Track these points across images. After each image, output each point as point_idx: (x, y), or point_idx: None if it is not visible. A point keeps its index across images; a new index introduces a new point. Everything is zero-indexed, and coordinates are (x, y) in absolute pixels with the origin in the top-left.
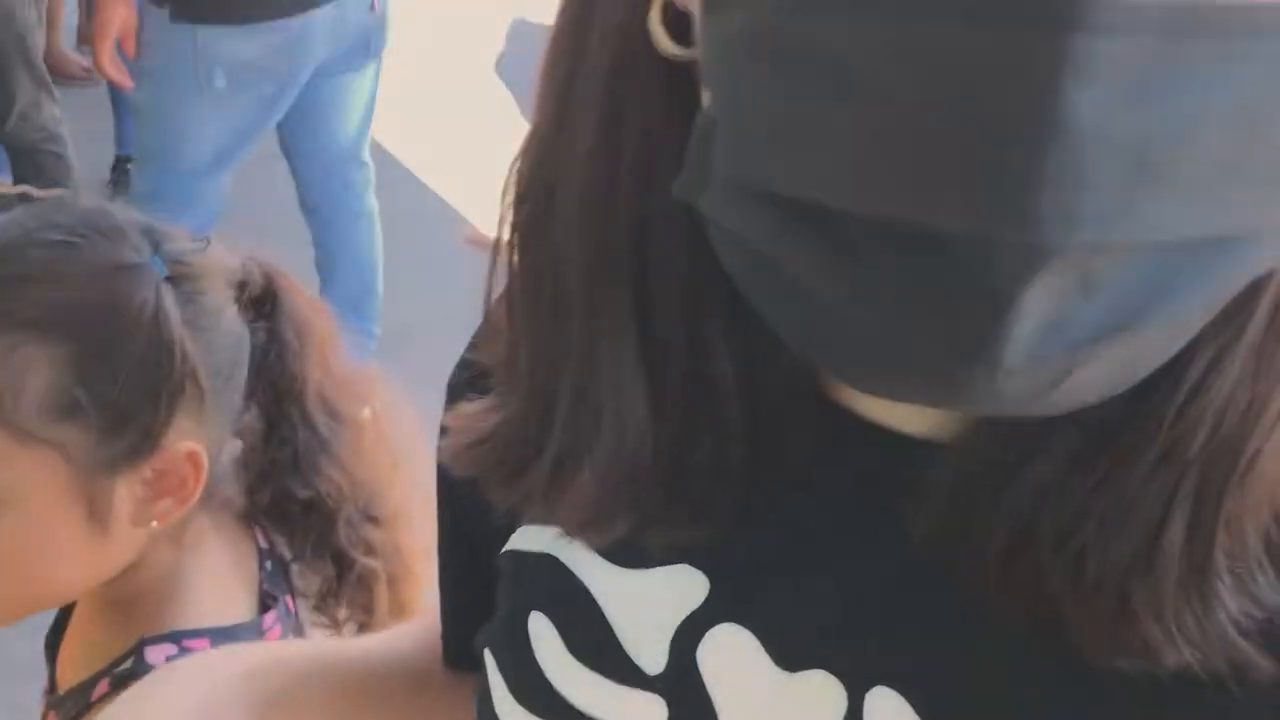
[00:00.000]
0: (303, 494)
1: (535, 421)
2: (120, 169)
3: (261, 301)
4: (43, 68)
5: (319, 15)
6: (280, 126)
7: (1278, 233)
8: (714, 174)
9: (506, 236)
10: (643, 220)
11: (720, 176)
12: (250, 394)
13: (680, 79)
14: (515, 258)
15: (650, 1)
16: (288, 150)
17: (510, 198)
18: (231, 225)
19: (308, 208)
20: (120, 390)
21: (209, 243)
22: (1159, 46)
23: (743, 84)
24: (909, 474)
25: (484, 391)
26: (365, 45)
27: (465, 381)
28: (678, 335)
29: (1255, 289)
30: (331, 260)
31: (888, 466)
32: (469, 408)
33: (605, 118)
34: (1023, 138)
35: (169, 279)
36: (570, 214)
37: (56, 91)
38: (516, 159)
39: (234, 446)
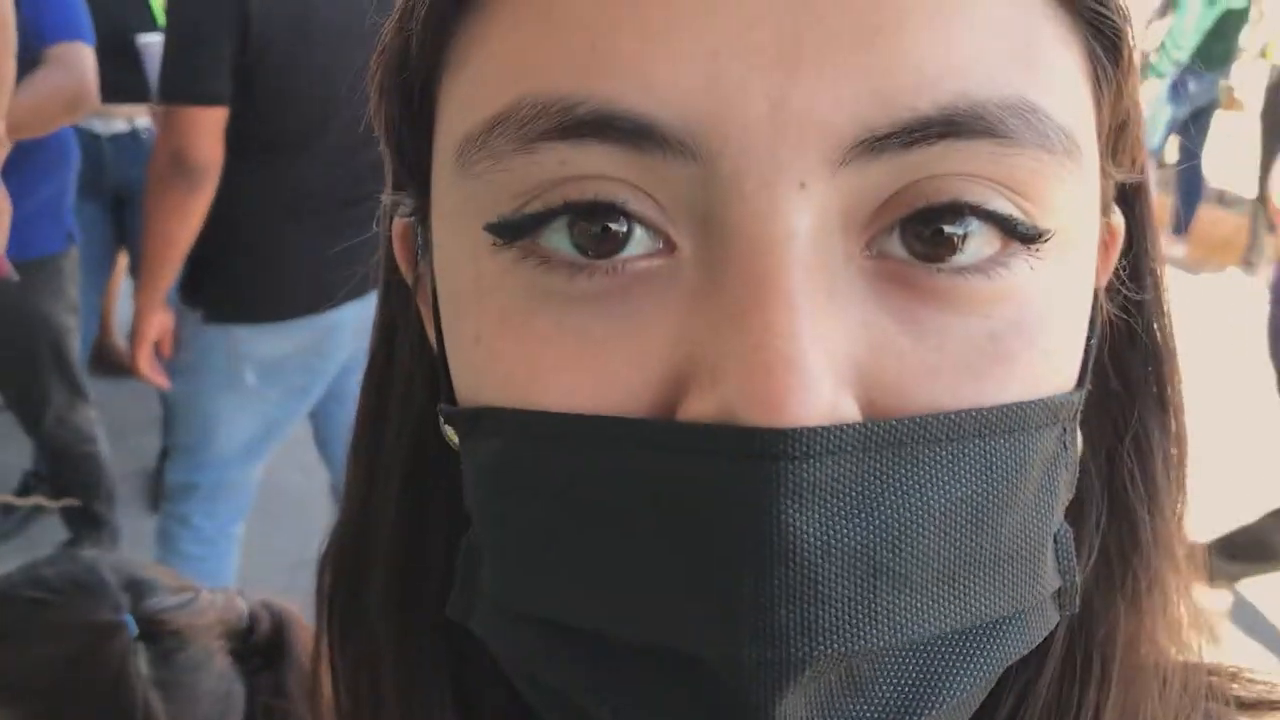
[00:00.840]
0: None
1: None
2: (166, 459)
3: (267, 650)
4: (76, 372)
5: (347, 311)
6: (313, 417)
7: (1038, 608)
8: (480, 596)
9: (325, 628)
10: (456, 626)
11: (485, 598)
12: None
13: None
14: (333, 649)
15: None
16: (320, 440)
17: (326, 587)
18: (268, 515)
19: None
20: None
21: (199, 593)
22: (868, 462)
23: (496, 511)
24: None
25: None
26: None
27: None
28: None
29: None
30: None
31: None
32: None
33: (404, 512)
34: (755, 560)
35: (145, 636)
36: (381, 621)
37: (109, 382)
38: (325, 555)
39: None
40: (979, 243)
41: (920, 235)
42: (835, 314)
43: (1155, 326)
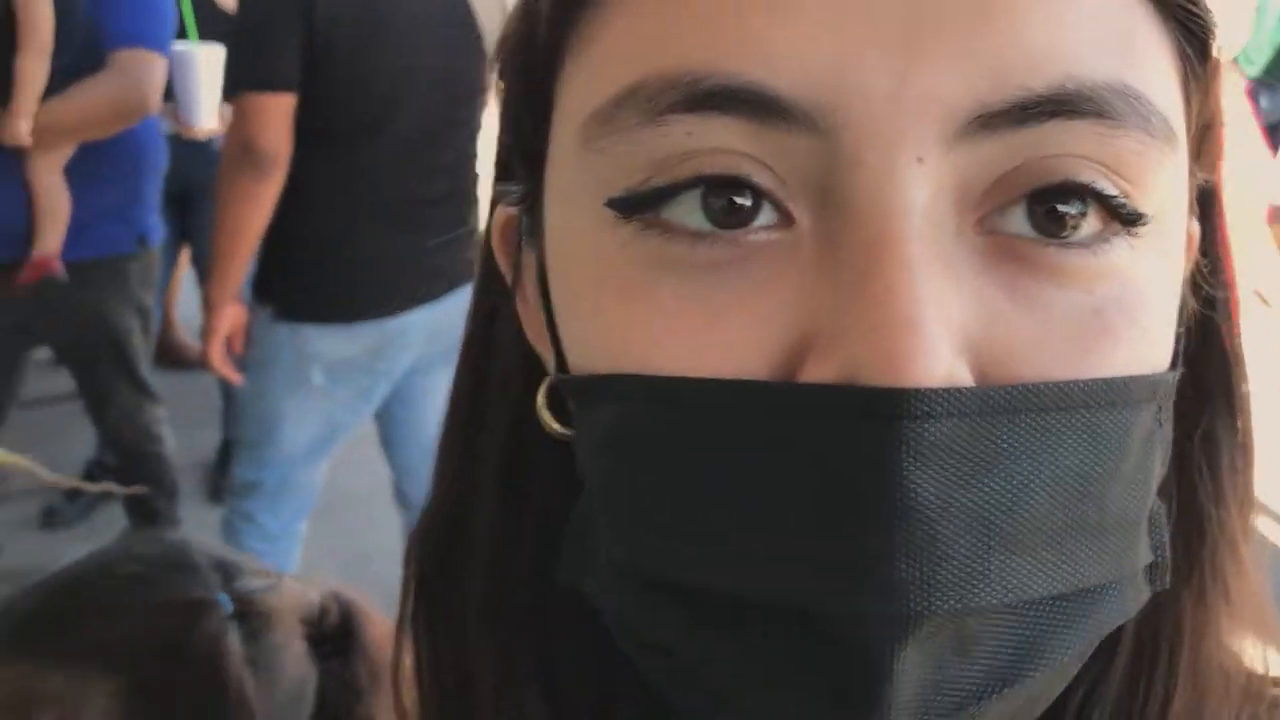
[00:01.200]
0: None
1: None
2: (226, 453)
3: (336, 638)
4: (142, 373)
5: (416, 315)
6: (378, 418)
7: (1133, 580)
8: (595, 559)
9: (409, 618)
10: (547, 611)
11: (600, 562)
12: None
13: (574, 458)
14: (421, 644)
15: (539, 384)
16: (386, 441)
17: (412, 585)
18: (332, 513)
19: (403, 501)
20: None
21: (281, 578)
22: (984, 426)
23: (616, 476)
24: None
25: None
26: None
27: None
28: None
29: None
30: None
31: None
32: None
33: (502, 498)
34: (874, 516)
35: (235, 615)
36: (474, 605)
37: (170, 375)
38: (415, 541)
39: None
40: (1085, 221)
41: (1034, 213)
42: (950, 285)
43: (1224, 330)
